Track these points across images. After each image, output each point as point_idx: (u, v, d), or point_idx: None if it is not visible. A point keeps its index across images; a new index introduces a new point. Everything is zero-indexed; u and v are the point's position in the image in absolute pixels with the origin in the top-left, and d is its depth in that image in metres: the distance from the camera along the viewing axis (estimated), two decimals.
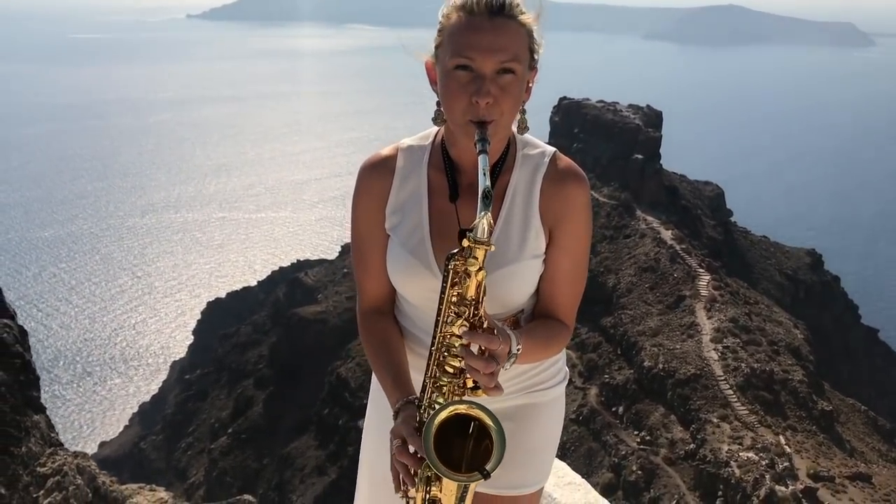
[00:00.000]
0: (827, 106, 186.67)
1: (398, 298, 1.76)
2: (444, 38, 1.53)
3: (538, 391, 1.77)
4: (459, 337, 1.39)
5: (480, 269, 1.37)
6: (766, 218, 79.70)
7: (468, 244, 1.35)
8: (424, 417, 1.42)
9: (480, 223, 1.34)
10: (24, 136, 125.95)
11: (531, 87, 1.58)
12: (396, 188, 1.69)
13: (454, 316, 1.40)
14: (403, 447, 1.40)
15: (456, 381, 1.42)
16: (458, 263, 1.37)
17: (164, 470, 41.65)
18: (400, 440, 1.42)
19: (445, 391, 1.43)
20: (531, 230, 1.62)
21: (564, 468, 3.23)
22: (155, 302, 70.77)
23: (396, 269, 1.66)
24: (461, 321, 1.39)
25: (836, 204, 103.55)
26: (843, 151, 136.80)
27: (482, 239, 1.34)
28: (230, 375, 44.98)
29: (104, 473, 6.34)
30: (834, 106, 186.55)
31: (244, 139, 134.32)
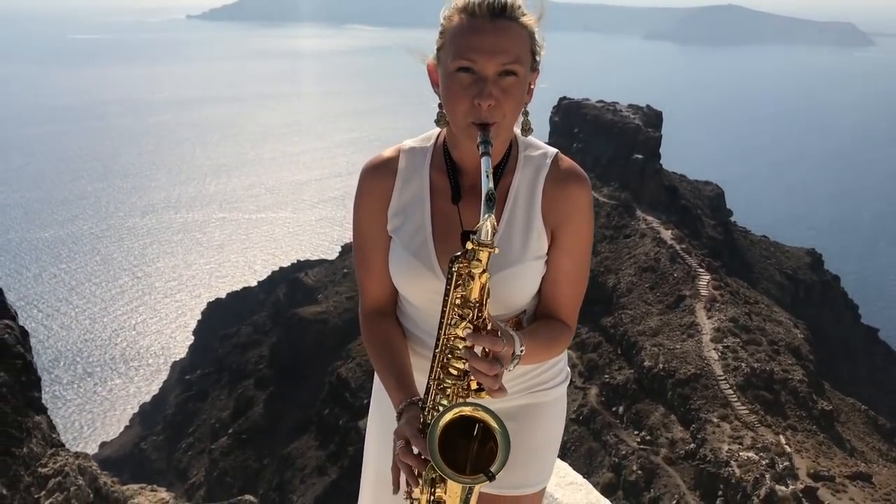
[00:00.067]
0: (827, 106, 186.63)
1: (400, 300, 1.76)
2: (445, 40, 1.53)
3: (540, 391, 1.78)
4: (463, 339, 1.39)
5: (484, 271, 1.37)
6: (766, 218, 79.69)
7: (472, 247, 1.36)
8: (429, 419, 1.43)
9: (484, 226, 1.34)
10: (24, 136, 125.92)
11: (533, 88, 1.58)
12: (398, 190, 1.69)
13: (458, 318, 1.40)
14: (407, 448, 1.40)
15: (460, 383, 1.42)
16: (461, 266, 1.38)
17: (164, 470, 41.67)
18: (404, 441, 1.42)
19: (449, 393, 1.43)
20: (533, 231, 1.63)
21: (566, 468, 3.23)
22: (155, 302, 70.76)
23: (399, 270, 1.66)
24: (465, 323, 1.39)
25: (836, 204, 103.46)
26: (842, 152, 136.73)
27: (486, 241, 1.35)
28: (230, 376, 44.99)
29: (105, 474, 6.35)
30: (834, 106, 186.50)
31: (244, 139, 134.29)
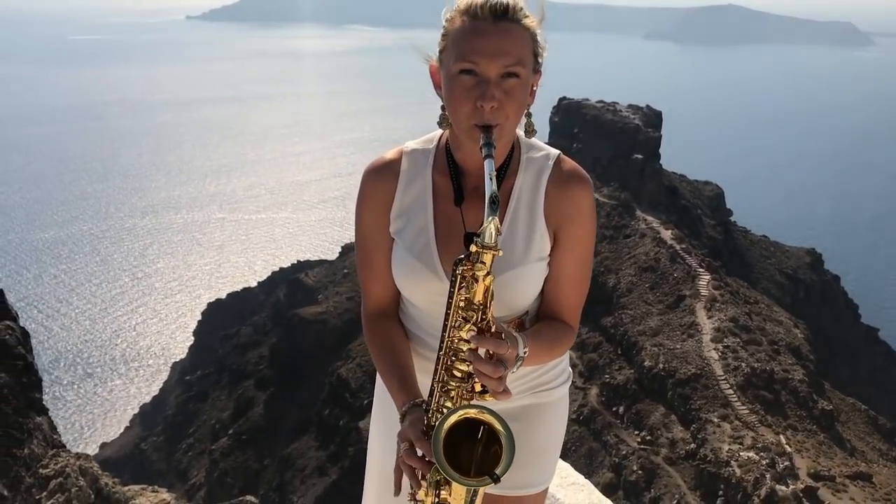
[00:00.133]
0: (827, 106, 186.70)
1: (403, 301, 1.76)
2: (448, 42, 1.52)
3: (543, 391, 1.78)
4: (467, 341, 1.39)
5: (488, 273, 1.37)
6: (766, 218, 79.69)
7: (476, 249, 1.35)
8: (433, 421, 1.43)
9: (488, 228, 1.34)
10: (24, 137, 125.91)
11: (535, 90, 1.57)
12: (401, 192, 1.69)
13: (462, 321, 1.40)
14: (411, 451, 1.41)
15: (464, 385, 1.42)
16: (465, 268, 1.38)
17: (165, 471, 41.66)
18: (408, 444, 1.42)
19: (454, 395, 1.43)
20: (536, 233, 1.63)
21: (567, 468, 3.23)
22: (155, 303, 70.77)
23: (401, 272, 1.66)
24: (469, 326, 1.39)
25: (836, 204, 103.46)
26: (842, 152, 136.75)
27: (490, 244, 1.35)
28: (231, 376, 44.98)
29: (107, 475, 6.34)
30: (834, 106, 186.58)
31: (244, 140, 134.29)
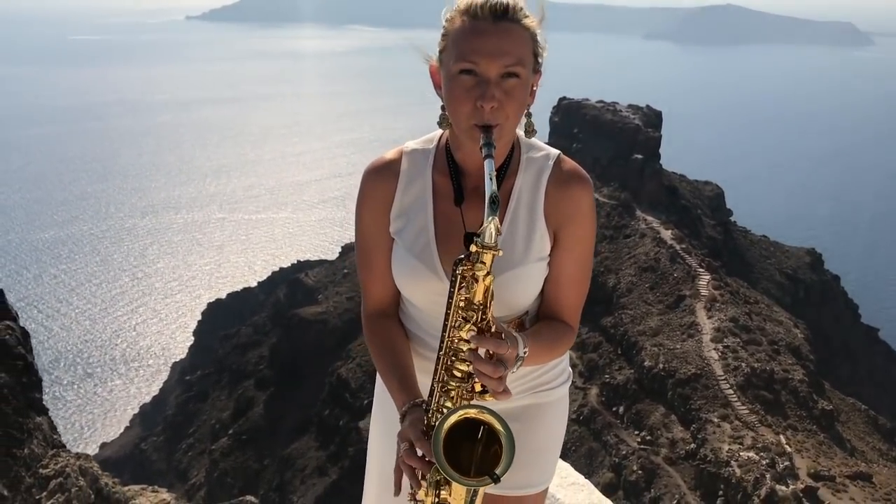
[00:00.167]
0: (826, 105, 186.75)
1: (402, 301, 1.76)
2: (448, 42, 1.52)
3: (543, 391, 1.78)
4: (467, 341, 1.39)
5: (488, 273, 1.37)
6: (765, 218, 79.69)
7: (476, 249, 1.35)
8: (433, 421, 1.43)
9: (488, 228, 1.34)
10: (24, 137, 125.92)
11: (536, 90, 1.57)
12: (401, 192, 1.69)
13: (462, 321, 1.40)
14: (411, 451, 1.40)
15: (464, 385, 1.42)
16: (465, 268, 1.37)
17: (165, 471, 41.66)
18: (408, 444, 1.42)
19: (454, 396, 1.43)
20: (536, 233, 1.62)
21: (567, 468, 3.24)
22: (155, 303, 70.76)
23: (402, 272, 1.66)
24: (469, 326, 1.39)
25: (836, 204, 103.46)
26: (842, 151, 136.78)
27: (490, 244, 1.34)
28: (231, 376, 44.98)
29: (107, 475, 6.34)
30: (833, 105, 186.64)
31: (244, 140, 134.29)
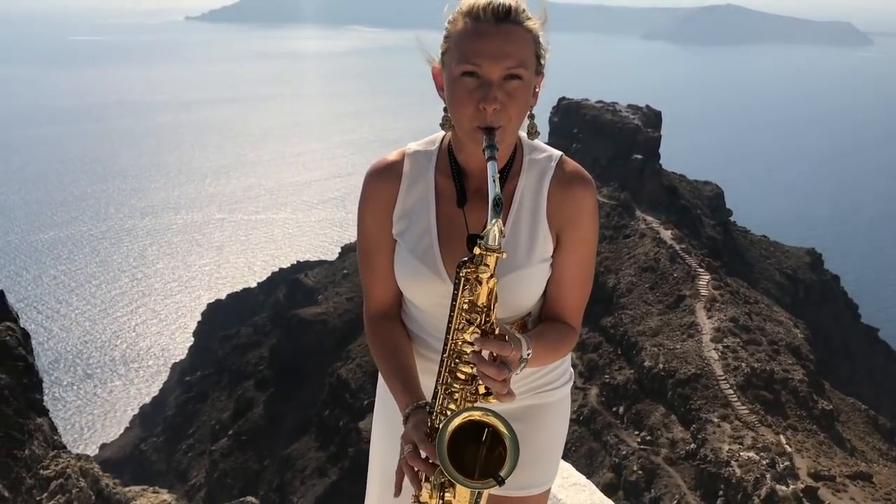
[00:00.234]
0: (826, 105, 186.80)
1: (405, 302, 1.76)
2: (450, 44, 1.52)
3: (545, 392, 1.78)
4: (471, 344, 1.39)
5: (492, 276, 1.36)
6: (765, 218, 79.69)
7: (480, 252, 1.35)
8: (437, 424, 1.42)
9: (492, 230, 1.33)
10: (23, 138, 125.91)
11: (538, 92, 1.57)
12: (403, 193, 1.68)
13: (466, 323, 1.39)
14: (415, 453, 1.40)
15: (468, 387, 1.42)
16: (469, 271, 1.37)
17: (164, 472, 41.65)
18: (412, 446, 1.41)
19: (458, 398, 1.42)
20: (539, 234, 1.62)
21: (569, 469, 3.24)
22: (155, 304, 70.74)
23: (404, 274, 1.66)
24: (473, 328, 1.38)
25: (835, 203, 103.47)
26: (842, 151, 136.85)
27: (494, 246, 1.34)
28: (230, 377, 44.97)
29: (107, 476, 6.35)
30: (832, 105, 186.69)
31: (244, 141, 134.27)
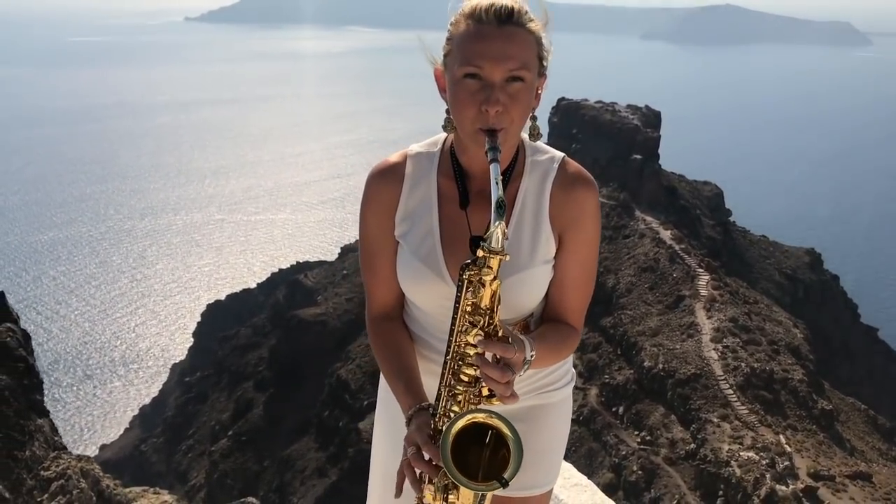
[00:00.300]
0: (825, 105, 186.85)
1: (407, 304, 1.76)
2: (452, 46, 1.52)
3: (547, 392, 1.78)
4: (474, 346, 1.39)
5: (495, 278, 1.36)
6: (765, 218, 79.70)
7: (483, 254, 1.34)
8: (440, 426, 1.42)
9: (495, 233, 1.33)
10: (23, 139, 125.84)
11: (540, 93, 1.58)
12: (406, 195, 1.68)
13: (469, 325, 1.39)
14: (418, 455, 1.40)
15: (471, 389, 1.42)
16: (472, 273, 1.37)
17: (164, 473, 41.63)
18: (415, 448, 1.41)
19: (461, 400, 1.42)
20: (542, 236, 1.63)
21: (570, 469, 3.24)
22: (154, 304, 70.71)
23: (407, 276, 1.66)
24: (476, 330, 1.38)
25: (835, 204, 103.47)
26: (841, 151, 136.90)
27: (497, 248, 1.34)
28: (230, 378, 44.95)
29: (108, 477, 6.35)
30: (832, 105, 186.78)
31: (243, 141, 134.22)
